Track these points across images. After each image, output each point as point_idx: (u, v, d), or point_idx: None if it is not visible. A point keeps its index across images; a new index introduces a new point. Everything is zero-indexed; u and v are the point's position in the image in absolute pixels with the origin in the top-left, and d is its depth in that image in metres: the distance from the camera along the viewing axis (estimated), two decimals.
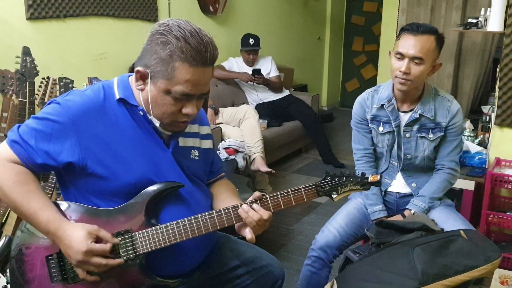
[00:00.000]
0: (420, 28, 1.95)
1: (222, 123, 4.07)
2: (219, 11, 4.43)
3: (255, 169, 3.70)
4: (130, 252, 1.37)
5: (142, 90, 1.38)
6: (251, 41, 4.41)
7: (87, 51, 3.29)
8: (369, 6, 6.58)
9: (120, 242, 1.37)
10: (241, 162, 3.51)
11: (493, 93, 3.48)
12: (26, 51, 2.47)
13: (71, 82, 2.60)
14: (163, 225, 1.39)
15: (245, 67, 4.51)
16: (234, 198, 1.59)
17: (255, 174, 3.76)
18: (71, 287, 1.38)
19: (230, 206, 1.43)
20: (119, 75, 1.49)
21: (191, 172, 1.51)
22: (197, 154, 1.55)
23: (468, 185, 2.70)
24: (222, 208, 1.43)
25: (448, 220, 2.02)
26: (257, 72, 4.40)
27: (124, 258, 1.36)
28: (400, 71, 1.96)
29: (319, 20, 6.40)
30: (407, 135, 2.09)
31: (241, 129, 3.93)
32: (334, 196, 1.44)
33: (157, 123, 1.41)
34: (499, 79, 2.76)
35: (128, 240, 1.37)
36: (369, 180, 1.44)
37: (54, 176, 2.09)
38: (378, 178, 1.44)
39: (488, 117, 3.18)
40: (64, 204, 1.40)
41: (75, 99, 1.38)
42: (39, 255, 1.39)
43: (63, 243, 1.32)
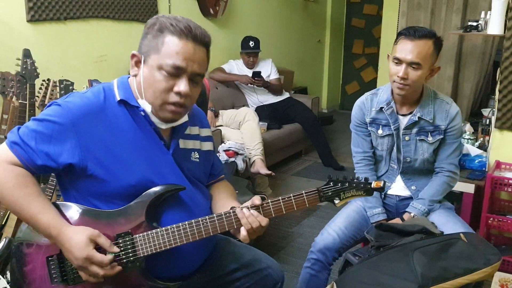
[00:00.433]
0: (417, 33, 1.93)
1: (222, 125, 4.07)
2: (220, 14, 4.44)
3: (255, 171, 3.70)
4: (130, 254, 1.37)
5: (136, 76, 1.40)
6: (251, 43, 4.41)
7: (87, 53, 3.29)
8: (369, 8, 6.58)
9: (121, 245, 1.36)
10: (241, 165, 3.51)
11: (493, 96, 3.48)
12: (27, 53, 2.47)
13: (72, 84, 2.60)
14: (164, 228, 1.38)
15: (245, 69, 4.52)
16: (232, 200, 1.58)
17: (255, 177, 3.75)
18: None
19: (231, 210, 1.42)
20: (119, 77, 1.49)
21: (191, 174, 1.51)
22: (197, 156, 1.55)
23: (468, 188, 2.69)
24: (223, 212, 1.42)
25: (447, 223, 2.02)
26: (257, 74, 4.40)
27: (124, 260, 1.36)
28: (398, 76, 1.96)
29: (319, 23, 6.40)
30: (406, 138, 2.09)
31: (241, 131, 3.93)
32: (337, 201, 1.42)
33: (148, 108, 1.39)
34: (499, 82, 2.76)
35: (128, 242, 1.37)
36: (372, 186, 1.41)
37: (54, 178, 2.09)
38: (381, 184, 1.41)
39: (488, 120, 3.18)
40: (64, 205, 1.39)
41: (76, 101, 1.38)
42: (40, 256, 1.39)
43: (64, 247, 1.32)
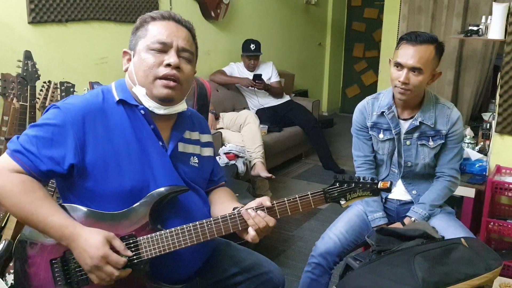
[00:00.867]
0: (419, 38, 1.93)
1: (222, 128, 4.07)
2: (221, 17, 4.44)
3: (256, 174, 3.70)
4: (134, 257, 1.35)
5: (127, 70, 1.47)
6: (252, 46, 4.42)
7: (88, 56, 3.29)
8: (370, 12, 6.59)
9: None
10: (241, 167, 3.50)
11: (493, 100, 3.48)
12: (28, 55, 2.47)
13: (72, 86, 2.60)
14: (168, 230, 1.37)
15: (246, 72, 4.52)
16: (235, 203, 1.57)
17: (255, 180, 3.75)
18: None
19: (235, 211, 1.41)
20: (116, 80, 1.50)
21: (188, 178, 1.50)
22: (196, 161, 1.55)
23: (468, 192, 2.69)
24: (227, 214, 1.41)
25: (448, 227, 2.02)
26: (258, 77, 4.41)
27: (128, 263, 1.34)
28: (399, 81, 1.96)
29: (320, 26, 6.41)
30: (407, 142, 2.09)
31: (241, 134, 3.93)
32: (343, 202, 1.41)
33: (142, 91, 1.41)
34: (499, 87, 2.76)
35: (132, 245, 1.36)
36: (379, 186, 1.40)
37: (54, 180, 2.08)
38: (388, 184, 1.39)
39: (488, 124, 3.18)
40: (69, 207, 1.37)
41: (74, 102, 1.39)
42: (44, 258, 1.37)
43: (79, 247, 1.29)
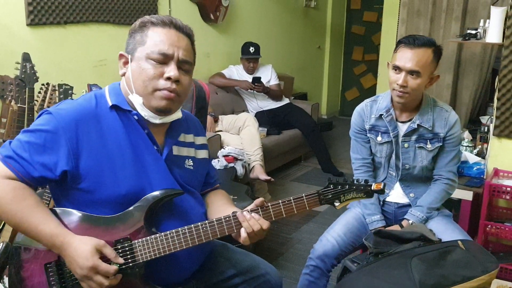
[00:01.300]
0: (417, 41, 1.94)
1: (221, 130, 4.08)
2: (220, 19, 4.45)
3: (254, 177, 3.70)
4: (129, 261, 1.35)
5: (124, 75, 1.43)
6: (252, 49, 4.43)
7: (87, 58, 3.29)
8: (369, 16, 6.61)
9: (119, 250, 1.35)
10: (240, 170, 3.50)
11: (491, 103, 3.49)
12: (26, 57, 2.47)
13: (71, 88, 2.59)
14: (163, 233, 1.37)
15: (245, 75, 4.52)
16: (231, 206, 1.58)
17: (254, 182, 3.75)
18: None
19: (231, 214, 1.41)
20: (110, 83, 1.49)
21: (183, 181, 1.50)
22: (191, 164, 1.55)
23: (466, 195, 2.69)
24: (222, 216, 1.41)
25: (446, 230, 2.02)
26: (257, 80, 4.41)
27: (123, 267, 1.34)
28: (397, 84, 1.96)
29: (319, 29, 6.43)
30: (405, 145, 2.09)
31: (240, 137, 3.93)
32: (337, 204, 1.42)
33: (139, 100, 1.38)
34: (497, 90, 2.76)
35: (127, 248, 1.36)
36: (372, 188, 1.41)
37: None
38: (381, 186, 1.41)
39: (486, 127, 3.18)
40: (63, 211, 1.37)
41: (67, 107, 1.37)
42: (38, 262, 1.36)
43: (69, 256, 1.29)
